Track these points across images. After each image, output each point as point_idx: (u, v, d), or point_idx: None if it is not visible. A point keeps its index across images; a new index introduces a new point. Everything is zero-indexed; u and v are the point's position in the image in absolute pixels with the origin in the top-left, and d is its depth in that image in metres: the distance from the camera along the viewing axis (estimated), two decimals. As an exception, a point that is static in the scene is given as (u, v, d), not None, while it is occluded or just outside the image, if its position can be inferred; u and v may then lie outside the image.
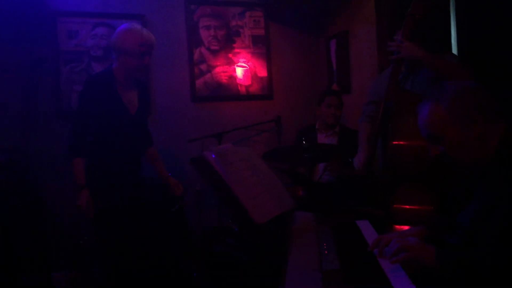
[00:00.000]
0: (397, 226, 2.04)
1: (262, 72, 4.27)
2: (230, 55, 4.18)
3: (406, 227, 1.97)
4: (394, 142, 2.15)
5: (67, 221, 3.48)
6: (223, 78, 4.15)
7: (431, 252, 1.34)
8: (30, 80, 3.52)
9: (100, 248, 3.05)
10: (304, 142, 3.12)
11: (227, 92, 4.17)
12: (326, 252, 1.54)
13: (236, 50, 4.20)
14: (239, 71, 4.20)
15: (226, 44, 4.17)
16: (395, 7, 3.39)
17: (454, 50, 3.01)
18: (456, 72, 2.21)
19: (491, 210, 1.37)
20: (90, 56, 3.76)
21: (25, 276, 2.97)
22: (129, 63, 2.73)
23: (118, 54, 2.74)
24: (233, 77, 4.18)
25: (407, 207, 2.10)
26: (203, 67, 4.10)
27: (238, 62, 4.20)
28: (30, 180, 3.17)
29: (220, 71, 4.14)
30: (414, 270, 1.32)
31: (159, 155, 3.13)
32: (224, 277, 1.78)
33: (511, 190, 1.32)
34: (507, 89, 2.63)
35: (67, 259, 3.40)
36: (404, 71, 2.49)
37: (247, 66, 4.22)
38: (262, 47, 4.28)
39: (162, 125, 3.89)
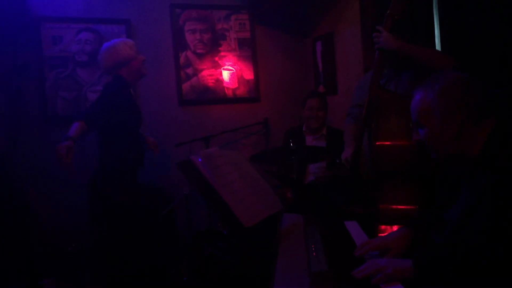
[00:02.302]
0: (383, 226, 2.06)
1: (249, 75, 4.28)
2: (216, 59, 4.18)
3: (394, 227, 1.99)
4: (377, 143, 2.16)
5: (54, 227, 3.46)
6: (210, 82, 4.15)
7: (406, 266, 1.33)
8: (14, 86, 3.48)
9: (92, 252, 3.06)
10: (291, 144, 3.13)
11: (214, 96, 4.16)
12: (314, 253, 1.55)
13: (222, 53, 4.20)
14: (226, 74, 4.20)
15: (212, 47, 4.17)
16: (379, 8, 3.42)
17: (438, 49, 3.04)
18: (439, 59, 2.24)
19: (477, 208, 1.37)
20: (75, 62, 3.73)
21: (12, 284, 2.94)
22: (134, 67, 3.03)
23: (120, 68, 2.99)
24: (219, 80, 4.18)
25: (393, 207, 2.12)
26: (189, 70, 4.09)
27: (224, 65, 4.20)
28: (16, 186, 3.14)
29: (206, 74, 4.14)
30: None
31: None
32: (213, 280, 1.78)
33: (497, 188, 1.32)
34: (491, 87, 2.66)
35: (55, 265, 3.37)
36: (388, 74, 2.51)
37: (233, 69, 4.22)
38: (248, 50, 4.29)
39: (149, 130, 3.87)
